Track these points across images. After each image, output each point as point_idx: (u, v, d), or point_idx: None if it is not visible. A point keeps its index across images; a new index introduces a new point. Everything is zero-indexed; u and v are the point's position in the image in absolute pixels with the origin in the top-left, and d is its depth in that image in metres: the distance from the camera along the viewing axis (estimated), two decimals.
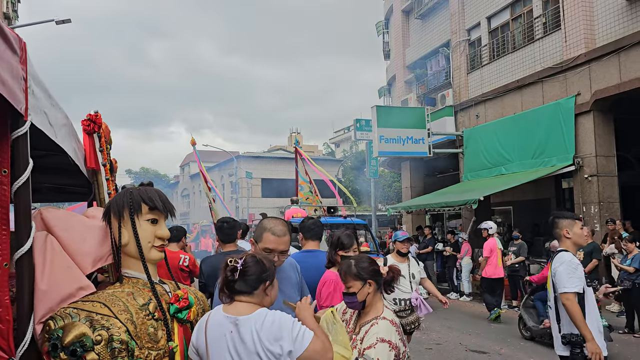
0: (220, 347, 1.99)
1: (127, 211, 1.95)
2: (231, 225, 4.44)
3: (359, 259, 2.81)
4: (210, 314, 2.09)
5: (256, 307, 2.07)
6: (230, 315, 2.03)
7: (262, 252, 2.61)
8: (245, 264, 2.10)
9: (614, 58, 11.33)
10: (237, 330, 1.99)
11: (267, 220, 2.83)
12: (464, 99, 16.68)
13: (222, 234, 4.42)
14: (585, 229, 9.89)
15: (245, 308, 2.06)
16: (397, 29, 21.91)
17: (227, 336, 1.99)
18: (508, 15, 15.34)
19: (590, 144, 11.97)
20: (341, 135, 65.34)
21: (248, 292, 2.08)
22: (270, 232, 2.68)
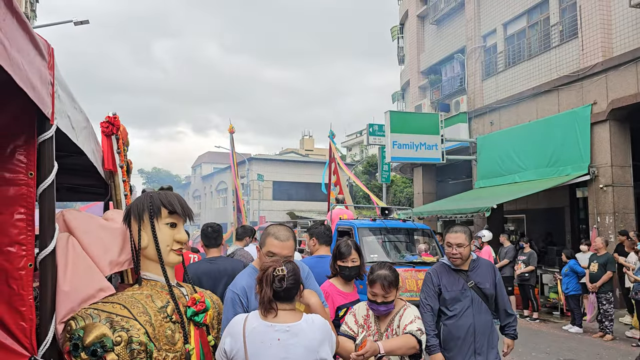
0: (265, 354, 2.10)
1: (147, 215, 1.98)
2: (215, 229, 4.33)
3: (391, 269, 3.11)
4: (245, 322, 2.17)
5: (298, 313, 2.23)
6: (277, 324, 2.15)
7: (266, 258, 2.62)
8: (290, 272, 2.22)
9: (631, 67, 11.23)
10: (288, 337, 2.13)
11: (271, 226, 2.83)
12: (478, 106, 16.61)
13: (206, 239, 4.29)
14: (599, 239, 9.80)
15: (290, 315, 2.20)
16: (412, 34, 21.89)
17: (273, 344, 2.11)
18: (524, 22, 15.27)
19: (605, 154, 11.86)
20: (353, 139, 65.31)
21: (291, 299, 2.24)
22: (274, 237, 2.68)
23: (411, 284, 7.57)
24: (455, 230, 3.71)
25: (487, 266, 3.81)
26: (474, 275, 3.70)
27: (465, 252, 3.64)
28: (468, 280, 3.68)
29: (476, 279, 3.69)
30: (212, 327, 2.19)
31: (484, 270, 3.75)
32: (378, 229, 8.89)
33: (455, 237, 3.67)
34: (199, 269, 3.97)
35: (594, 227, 12.01)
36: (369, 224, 8.87)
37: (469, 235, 3.68)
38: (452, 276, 3.70)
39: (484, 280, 3.70)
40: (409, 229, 9.31)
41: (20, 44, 1.35)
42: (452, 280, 3.69)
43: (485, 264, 3.82)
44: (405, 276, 7.49)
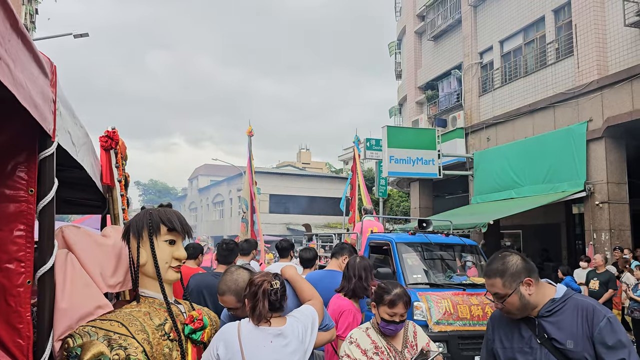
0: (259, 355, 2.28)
1: (146, 232, 1.99)
2: (229, 248, 4.42)
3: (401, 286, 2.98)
4: (239, 328, 2.32)
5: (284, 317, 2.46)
6: (270, 328, 2.35)
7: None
8: (281, 285, 2.44)
9: (626, 85, 11.34)
10: (280, 339, 2.33)
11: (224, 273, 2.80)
12: (475, 122, 16.70)
13: (219, 255, 4.47)
14: (599, 256, 9.78)
15: (280, 321, 2.41)
16: (409, 50, 22.06)
17: (267, 346, 2.30)
18: (521, 39, 15.42)
19: (601, 171, 11.92)
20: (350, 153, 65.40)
21: (283, 308, 2.45)
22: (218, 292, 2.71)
23: (463, 310, 6.59)
24: (488, 272, 2.36)
25: (580, 309, 2.23)
26: (551, 324, 2.25)
27: (510, 306, 2.29)
28: (539, 333, 2.27)
29: (554, 331, 2.24)
30: None
31: (569, 317, 2.23)
32: (419, 244, 7.84)
33: (489, 284, 2.35)
34: (202, 281, 3.98)
35: (590, 243, 12.02)
36: (409, 239, 7.86)
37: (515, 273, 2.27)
38: (513, 324, 2.39)
39: (564, 333, 2.21)
40: (454, 245, 8.20)
41: (24, 64, 1.37)
42: (511, 330, 2.39)
43: (576, 305, 2.26)
44: (456, 301, 6.62)
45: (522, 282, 2.25)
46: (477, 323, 6.46)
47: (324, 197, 40.88)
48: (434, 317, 6.39)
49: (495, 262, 2.35)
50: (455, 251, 8.26)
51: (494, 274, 2.30)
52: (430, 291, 6.75)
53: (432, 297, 6.58)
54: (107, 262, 2.07)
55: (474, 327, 6.42)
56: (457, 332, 6.32)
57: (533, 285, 2.26)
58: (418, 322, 5.70)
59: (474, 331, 6.36)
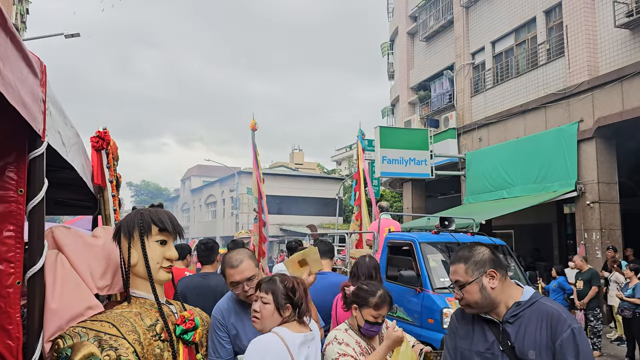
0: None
1: (138, 232, 1.98)
2: (209, 247, 4.36)
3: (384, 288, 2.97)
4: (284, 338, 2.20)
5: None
6: (306, 333, 2.34)
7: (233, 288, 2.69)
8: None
9: (616, 86, 11.42)
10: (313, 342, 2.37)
11: (226, 255, 2.81)
12: (467, 122, 16.77)
13: (200, 257, 4.38)
14: (577, 257, 9.89)
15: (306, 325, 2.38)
16: (402, 51, 22.12)
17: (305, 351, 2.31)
18: (512, 40, 15.50)
19: (592, 171, 12.00)
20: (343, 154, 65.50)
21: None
22: (228, 266, 2.68)
23: None
24: (454, 258, 2.23)
25: (544, 317, 2.05)
26: (515, 331, 2.08)
27: (469, 296, 2.12)
28: (502, 340, 2.08)
29: (517, 338, 2.06)
30: (201, 345, 2.19)
31: (533, 324, 2.05)
32: (445, 244, 7.15)
33: (452, 270, 2.21)
34: (190, 283, 3.97)
35: (581, 243, 12.10)
36: (434, 238, 7.20)
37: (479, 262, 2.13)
38: (476, 325, 2.20)
39: (527, 342, 2.03)
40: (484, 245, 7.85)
41: (14, 63, 1.36)
42: (473, 331, 2.20)
43: (541, 311, 2.07)
44: None
45: (485, 272, 2.09)
46: None
47: (317, 197, 40.89)
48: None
49: (462, 250, 2.23)
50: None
51: (458, 260, 2.17)
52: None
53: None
54: (96, 264, 2.06)
55: None
56: None
57: (497, 280, 2.10)
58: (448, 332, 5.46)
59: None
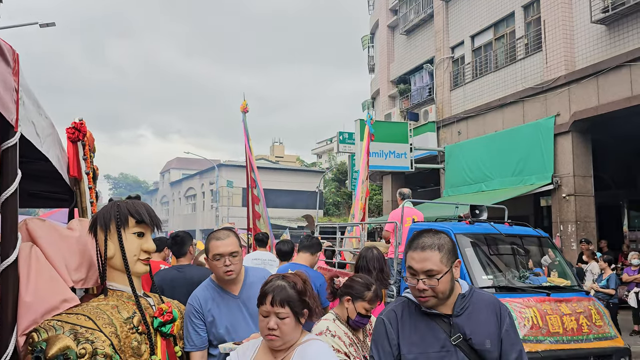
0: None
1: (114, 224, 1.95)
2: (178, 240, 4.34)
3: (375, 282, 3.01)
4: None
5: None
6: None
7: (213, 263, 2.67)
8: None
9: (592, 81, 11.61)
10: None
11: (212, 232, 2.88)
12: (446, 116, 16.90)
13: (173, 250, 4.38)
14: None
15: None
16: (382, 44, 22.16)
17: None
18: (491, 35, 15.63)
19: (568, 164, 12.20)
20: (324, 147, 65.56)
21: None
22: (215, 239, 2.72)
23: (555, 322, 5.09)
24: (423, 244, 2.02)
25: (489, 305, 2.10)
26: (467, 323, 2.04)
27: (442, 287, 1.98)
28: (452, 333, 2.02)
29: (471, 330, 2.03)
30: (180, 338, 2.17)
31: (482, 314, 2.07)
32: (485, 236, 6.28)
33: (422, 258, 2.00)
34: (166, 276, 3.94)
35: (557, 235, 12.31)
36: (471, 229, 6.29)
37: (451, 251, 2.03)
38: (422, 324, 2.07)
39: (482, 332, 2.03)
40: (522, 237, 6.58)
41: None
42: (422, 332, 2.06)
43: (483, 300, 2.12)
44: (543, 310, 5.13)
45: (454, 262, 2.03)
46: (571, 339, 5.04)
47: (297, 190, 40.88)
48: (520, 332, 4.72)
49: (428, 235, 2.06)
50: (526, 245, 6.76)
51: (430, 247, 1.99)
52: (509, 297, 5.22)
53: (512, 306, 5.03)
54: (71, 257, 2.03)
55: (569, 344, 4.99)
56: (551, 353, 4.84)
57: (458, 270, 2.05)
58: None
59: (570, 350, 4.95)
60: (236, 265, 2.71)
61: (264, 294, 2.02)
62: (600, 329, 5.27)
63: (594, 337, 5.16)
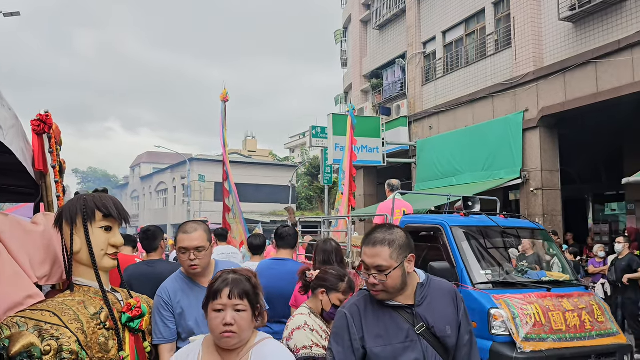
0: None
1: (80, 218, 1.91)
2: (149, 235, 4.29)
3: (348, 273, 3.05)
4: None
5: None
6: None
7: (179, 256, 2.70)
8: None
9: (560, 77, 11.85)
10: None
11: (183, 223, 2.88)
12: (418, 110, 17.04)
13: (143, 244, 4.34)
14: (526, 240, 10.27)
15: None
16: (355, 39, 22.19)
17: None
18: (462, 31, 15.80)
19: (536, 159, 12.45)
20: (296, 141, 65.50)
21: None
22: (182, 232, 2.73)
23: (557, 319, 4.91)
24: (375, 240, 2.08)
25: (446, 293, 2.19)
26: (428, 312, 2.10)
27: (391, 282, 2.03)
28: (416, 323, 2.06)
29: (433, 318, 2.09)
30: (149, 333, 2.14)
31: (440, 302, 2.14)
32: (482, 229, 6.10)
33: (373, 253, 2.05)
34: (135, 272, 3.90)
35: None
36: (467, 222, 6.06)
37: (403, 246, 2.07)
38: (386, 316, 2.09)
39: (442, 319, 2.10)
40: (518, 230, 6.52)
41: None
42: (386, 324, 2.07)
43: (441, 288, 2.20)
44: (545, 306, 4.97)
45: (406, 257, 2.06)
46: (575, 337, 4.87)
47: (270, 184, 40.76)
48: (522, 330, 4.71)
49: (380, 231, 2.10)
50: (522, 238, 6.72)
51: (381, 243, 2.04)
52: (509, 293, 5.10)
53: (513, 302, 4.92)
54: (35, 252, 1.98)
55: (572, 342, 4.82)
56: (555, 352, 4.66)
57: (413, 264, 2.10)
58: (499, 338, 4.70)
59: (574, 349, 4.78)
60: (202, 260, 2.72)
61: (219, 288, 1.88)
62: (603, 326, 5.12)
63: (597, 334, 5.00)
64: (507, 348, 4.65)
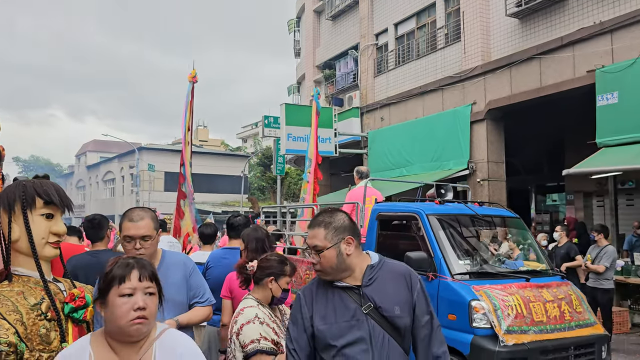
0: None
1: (19, 205, 1.83)
2: (95, 223, 4.13)
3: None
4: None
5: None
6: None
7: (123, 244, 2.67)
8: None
9: (506, 71, 12.22)
10: None
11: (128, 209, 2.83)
12: (370, 102, 17.20)
13: (88, 234, 4.20)
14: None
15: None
16: (308, 29, 22.13)
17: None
18: (414, 23, 16.02)
19: (483, 150, 12.82)
20: (249, 131, 64.91)
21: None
22: (127, 219, 2.68)
23: (538, 310, 4.78)
24: (314, 222, 2.25)
25: (398, 275, 2.24)
26: (376, 292, 2.16)
27: (325, 261, 2.15)
28: (363, 303, 2.14)
29: (380, 298, 2.15)
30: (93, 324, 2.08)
31: (390, 283, 2.20)
32: (459, 217, 5.91)
33: (311, 234, 2.21)
34: (79, 262, 3.78)
35: None
36: (443, 210, 5.85)
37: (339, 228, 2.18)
38: (335, 297, 2.18)
39: (391, 300, 2.16)
40: (493, 218, 6.25)
41: None
42: (334, 304, 2.16)
43: (393, 270, 2.26)
44: (526, 297, 4.82)
45: (343, 239, 2.16)
46: (555, 328, 4.77)
47: (222, 175, 40.29)
48: (504, 323, 4.54)
49: (322, 214, 2.26)
50: (493, 226, 6.52)
51: (319, 224, 2.19)
52: (488, 283, 4.94)
53: (494, 293, 4.76)
54: None
55: (553, 333, 4.72)
56: (538, 344, 4.54)
57: (353, 246, 2.18)
58: (481, 331, 4.58)
59: (555, 340, 4.68)
60: (147, 250, 2.67)
61: (125, 272, 1.71)
62: (581, 316, 5.05)
63: (576, 325, 4.92)
64: (489, 341, 4.49)
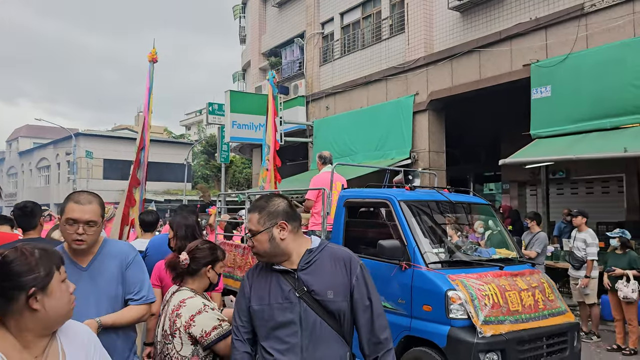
0: None
1: None
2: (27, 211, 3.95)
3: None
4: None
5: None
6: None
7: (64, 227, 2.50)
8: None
9: (447, 64, 12.55)
10: None
11: (74, 192, 2.68)
12: (315, 90, 17.25)
13: (19, 221, 4.01)
14: None
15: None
16: (254, 15, 21.86)
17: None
18: (359, 13, 16.15)
19: (424, 140, 13.15)
20: (193, 118, 63.68)
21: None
22: (73, 201, 2.51)
23: (514, 299, 4.68)
24: (250, 207, 2.36)
25: (338, 259, 2.24)
26: (310, 276, 2.19)
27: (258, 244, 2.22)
28: (298, 286, 2.18)
29: (313, 282, 2.18)
30: None
31: (328, 267, 2.22)
32: (432, 203, 5.72)
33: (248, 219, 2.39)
34: None
35: None
36: (414, 196, 5.58)
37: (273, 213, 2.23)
38: (273, 279, 2.23)
39: (325, 284, 2.17)
40: (464, 205, 6.02)
41: None
42: (270, 286, 2.22)
43: (333, 254, 2.27)
44: (502, 286, 4.73)
45: (276, 223, 2.20)
46: (530, 317, 4.69)
47: (165, 162, 39.37)
48: (481, 313, 4.42)
49: (260, 199, 2.32)
50: (468, 213, 6.38)
51: (254, 209, 2.26)
52: (464, 273, 4.82)
53: (470, 283, 4.62)
54: None
55: (527, 323, 4.63)
56: (515, 335, 4.44)
57: (287, 231, 2.21)
58: (457, 322, 4.43)
59: (531, 330, 4.59)
60: (90, 236, 2.54)
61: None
62: (553, 304, 5.02)
63: (549, 313, 4.87)
64: (466, 333, 4.35)
